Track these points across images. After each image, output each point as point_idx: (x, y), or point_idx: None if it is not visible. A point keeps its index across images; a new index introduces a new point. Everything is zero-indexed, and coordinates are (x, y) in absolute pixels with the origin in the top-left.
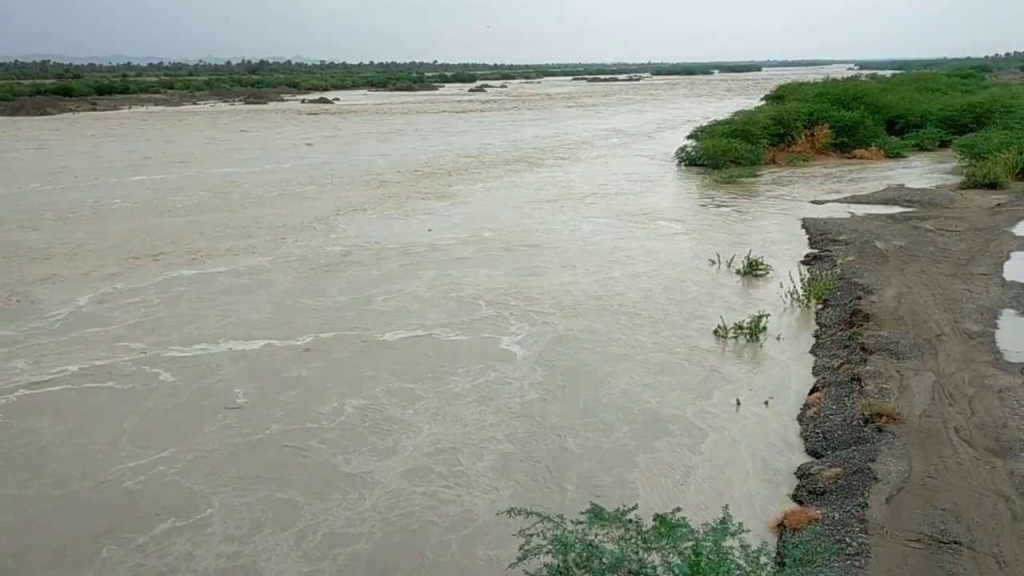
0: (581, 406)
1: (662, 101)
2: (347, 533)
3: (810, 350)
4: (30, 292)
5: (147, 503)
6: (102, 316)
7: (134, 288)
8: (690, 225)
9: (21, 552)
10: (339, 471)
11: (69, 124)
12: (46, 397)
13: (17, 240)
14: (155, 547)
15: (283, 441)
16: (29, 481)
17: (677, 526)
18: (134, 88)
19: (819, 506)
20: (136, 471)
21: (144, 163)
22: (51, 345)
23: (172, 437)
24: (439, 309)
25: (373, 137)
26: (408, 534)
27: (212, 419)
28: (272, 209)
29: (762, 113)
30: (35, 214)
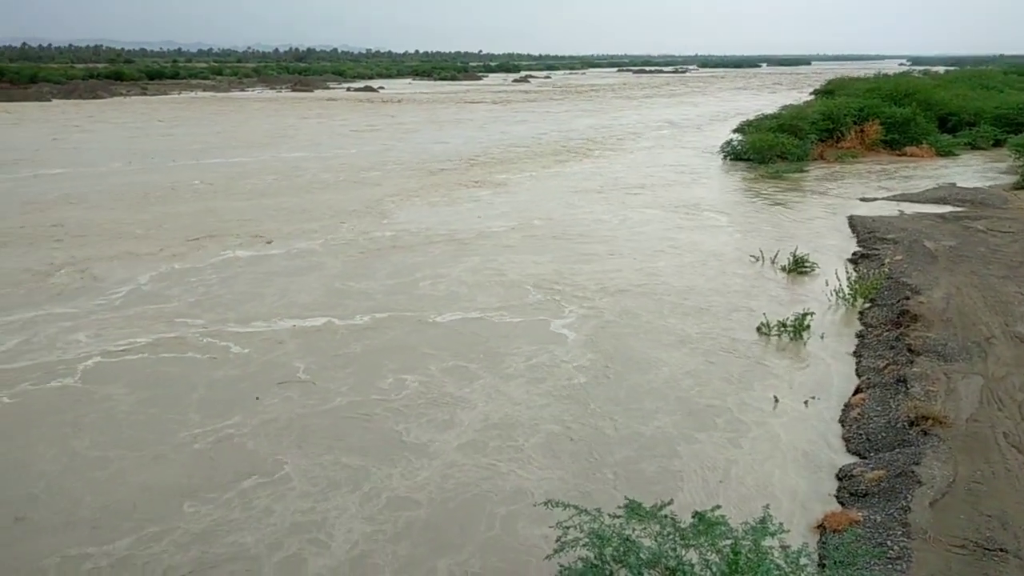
0: (626, 392)
1: (711, 94)
2: (407, 498)
3: (854, 350)
4: (94, 269)
5: (220, 465)
6: (161, 294)
7: (194, 268)
8: (736, 219)
9: (108, 506)
10: (400, 440)
11: (139, 107)
12: (117, 367)
13: (92, 219)
14: (229, 504)
15: (345, 412)
16: (110, 444)
17: (716, 524)
18: (184, 73)
19: (860, 508)
20: (207, 435)
21: (217, 146)
22: (115, 320)
23: (239, 406)
24: (489, 293)
25: (432, 125)
26: (461, 505)
27: (275, 391)
28: (333, 194)
29: (811, 108)
30: (115, 193)
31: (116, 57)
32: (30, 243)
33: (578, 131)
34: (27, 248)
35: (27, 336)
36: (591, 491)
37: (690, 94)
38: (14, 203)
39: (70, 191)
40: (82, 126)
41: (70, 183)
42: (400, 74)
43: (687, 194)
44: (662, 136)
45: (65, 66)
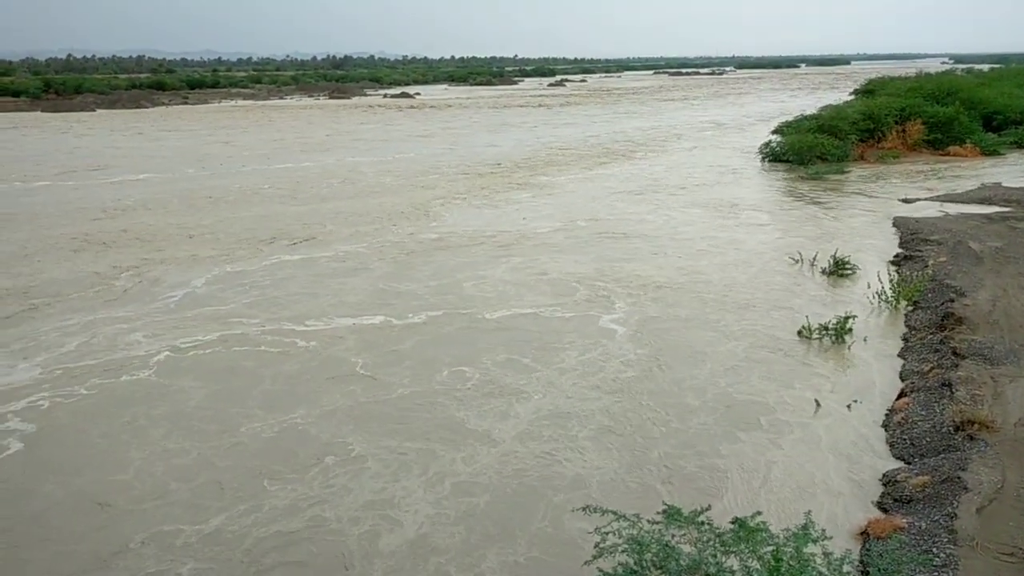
0: (672, 387)
1: (753, 94)
2: (469, 483)
3: (898, 353)
4: (156, 272)
5: (295, 450)
6: (218, 295)
7: (251, 270)
8: (776, 220)
9: (194, 489)
10: (462, 428)
11: (197, 114)
12: (186, 363)
13: (159, 223)
14: (309, 483)
15: (408, 402)
16: (186, 433)
17: (757, 530)
18: (224, 83)
19: (905, 515)
20: (278, 424)
21: (282, 151)
22: (180, 320)
23: (305, 398)
24: (537, 291)
25: (482, 129)
26: (518, 493)
27: (340, 383)
28: (389, 198)
29: (851, 108)
30: (185, 198)
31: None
32: (102, 246)
33: (621, 133)
34: (98, 252)
35: (95, 335)
36: (636, 486)
37: (730, 95)
38: (96, 208)
39: (148, 196)
40: (149, 134)
41: (148, 188)
42: (436, 80)
43: (727, 195)
44: (704, 137)
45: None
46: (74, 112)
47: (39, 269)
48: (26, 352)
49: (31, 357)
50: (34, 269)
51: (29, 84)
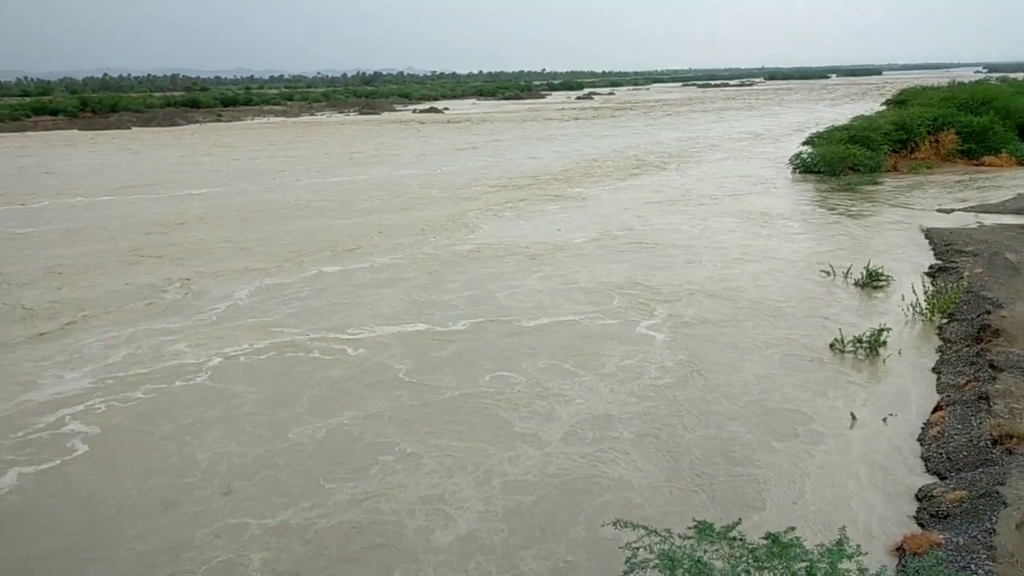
0: (708, 394)
1: (784, 105)
2: (516, 483)
3: (933, 366)
4: (202, 284)
5: (351, 450)
6: (261, 306)
7: (294, 281)
8: (809, 231)
9: (258, 485)
10: (508, 430)
11: (245, 131)
12: (237, 369)
13: (210, 237)
14: (368, 479)
15: (453, 405)
16: (244, 435)
17: (790, 546)
18: (256, 100)
19: (942, 530)
20: (327, 427)
21: (332, 166)
22: (231, 328)
23: (350, 402)
24: (575, 299)
25: (521, 142)
26: (562, 494)
27: (383, 389)
28: (434, 210)
29: (883, 118)
30: (238, 212)
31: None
32: (156, 260)
33: (655, 144)
34: (151, 265)
35: (144, 345)
36: (674, 493)
37: (761, 106)
38: (155, 221)
39: (205, 210)
40: (201, 150)
41: (207, 202)
42: (464, 94)
43: (760, 205)
44: (737, 148)
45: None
46: (110, 130)
47: (96, 282)
48: (81, 360)
49: (85, 365)
50: (91, 282)
51: (67, 103)
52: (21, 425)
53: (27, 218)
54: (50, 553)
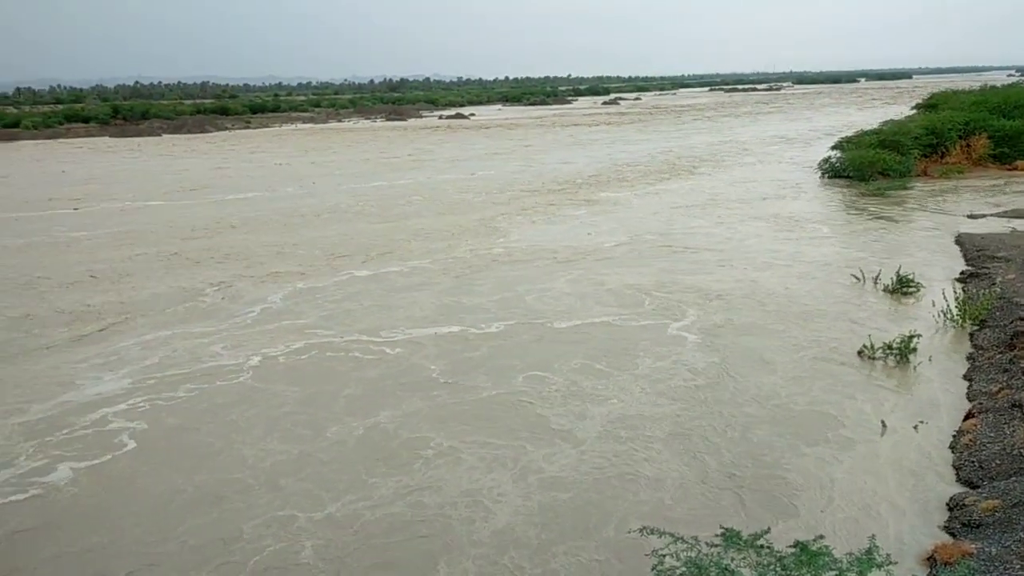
0: (739, 396)
1: (813, 110)
2: (552, 479)
3: (964, 374)
4: (239, 287)
5: (387, 447)
6: (294, 309)
7: (329, 284)
8: (838, 236)
9: (305, 479)
10: (544, 428)
11: (277, 138)
12: (276, 369)
13: (250, 241)
14: (411, 473)
15: (489, 404)
16: (286, 432)
17: (819, 554)
18: (284, 107)
19: (974, 540)
20: (366, 425)
21: (368, 172)
22: (269, 330)
23: (389, 401)
24: (607, 301)
25: (555, 147)
26: (596, 492)
27: (420, 388)
28: (469, 215)
29: (913, 123)
30: (279, 216)
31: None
32: (197, 264)
33: (687, 149)
34: (192, 269)
35: (183, 346)
36: (705, 495)
37: (790, 110)
38: (199, 226)
39: (249, 214)
40: (243, 155)
41: (251, 207)
42: (490, 100)
43: (789, 209)
44: (769, 152)
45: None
46: (141, 137)
47: (138, 285)
48: (121, 361)
49: (125, 366)
50: (135, 285)
51: (99, 110)
52: (67, 423)
53: (79, 222)
54: (105, 545)
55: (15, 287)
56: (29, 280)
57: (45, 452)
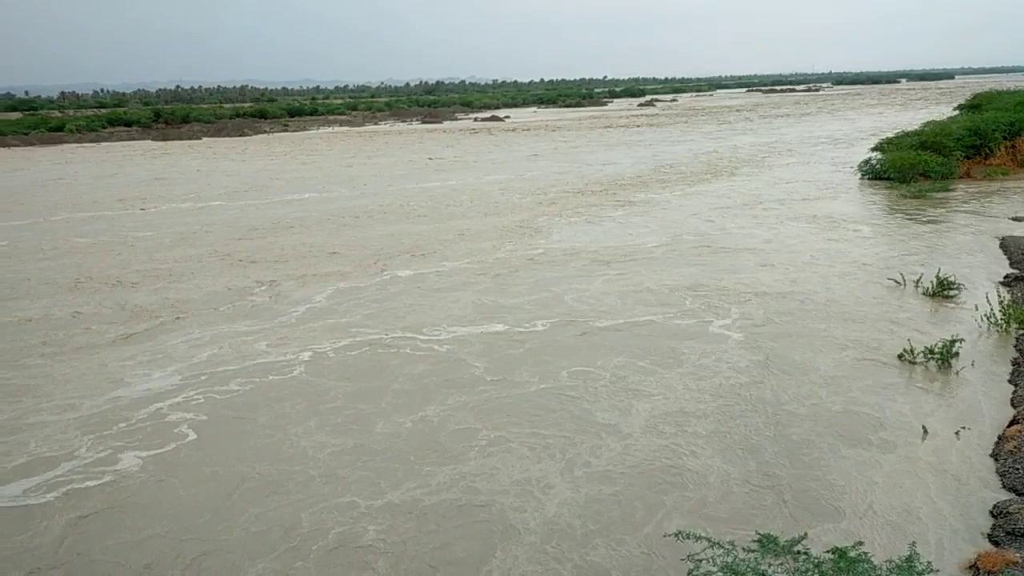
0: (780, 395)
1: (856, 110)
2: (599, 472)
3: (1008, 379)
4: (285, 287)
5: (439, 439)
6: (341, 308)
7: (375, 284)
8: (878, 237)
9: (364, 469)
10: (591, 421)
11: (331, 140)
12: (326, 364)
13: (298, 242)
14: (464, 462)
15: (534, 399)
16: (338, 425)
17: (858, 561)
18: (322, 110)
19: (1018, 549)
20: (417, 418)
21: (416, 172)
22: (316, 328)
23: (436, 396)
24: (649, 300)
25: (598, 148)
26: (642, 485)
27: (466, 384)
28: (514, 216)
29: (955, 123)
30: (335, 216)
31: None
32: (251, 264)
33: (731, 149)
34: (244, 269)
35: (233, 343)
36: (747, 493)
37: (835, 110)
38: (255, 226)
39: (304, 215)
40: (295, 157)
41: (306, 208)
42: (525, 102)
43: (829, 210)
44: (813, 153)
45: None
46: (182, 140)
47: (193, 284)
48: (172, 359)
49: (177, 363)
50: (189, 284)
51: (141, 114)
52: (124, 417)
53: (145, 221)
54: (172, 531)
55: (73, 285)
56: (88, 278)
57: (106, 444)
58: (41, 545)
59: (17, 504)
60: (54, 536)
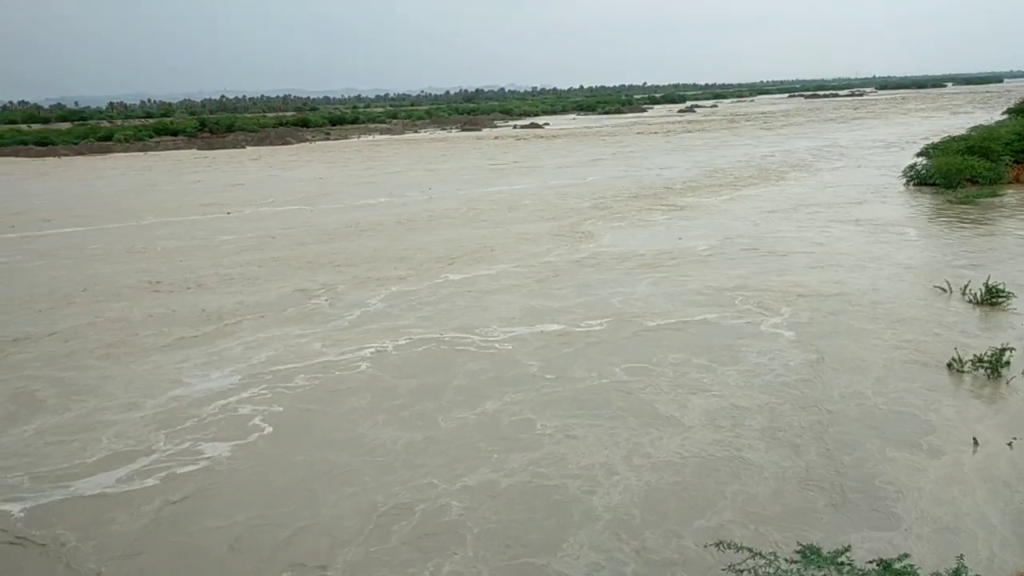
0: (831, 393)
1: (907, 114)
2: (661, 462)
3: None
4: (345, 289)
5: (503, 430)
6: (395, 312)
7: (431, 286)
8: (924, 243)
9: (437, 457)
10: (650, 413)
11: (394, 146)
12: (388, 360)
13: (362, 247)
14: (533, 448)
15: (593, 393)
16: (405, 419)
17: (903, 574)
18: (363, 119)
19: None
20: (480, 411)
21: (479, 178)
22: (374, 329)
23: (497, 390)
24: (700, 300)
25: (654, 154)
26: (700, 476)
27: (525, 380)
28: (575, 219)
29: (1003, 128)
30: (401, 221)
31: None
32: (318, 267)
33: (786, 154)
34: (307, 273)
35: (299, 343)
36: (797, 491)
37: (884, 115)
38: (329, 232)
39: (374, 219)
40: (360, 163)
41: (373, 212)
42: (564, 110)
43: (875, 215)
44: (864, 157)
45: (258, 115)
46: (226, 149)
47: (262, 288)
48: (239, 358)
49: (243, 361)
50: (256, 288)
51: (187, 124)
52: (195, 413)
53: (230, 226)
54: (263, 515)
55: (146, 288)
56: (161, 282)
57: (193, 434)
58: (133, 530)
59: (118, 490)
60: (148, 519)
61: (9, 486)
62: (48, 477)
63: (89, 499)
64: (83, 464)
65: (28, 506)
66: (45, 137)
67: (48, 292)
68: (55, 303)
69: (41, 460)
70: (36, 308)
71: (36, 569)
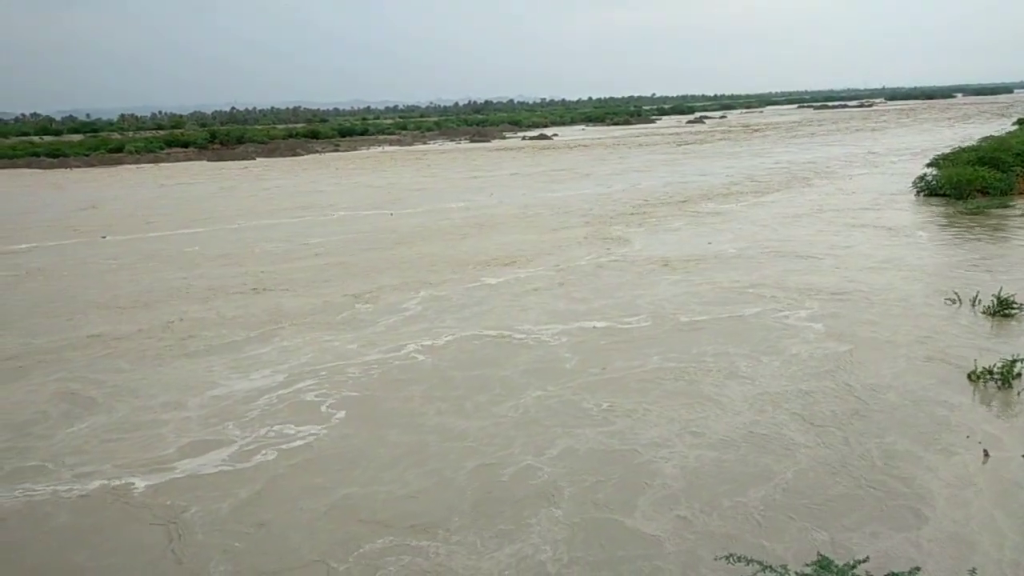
0: (855, 388)
1: (917, 125)
2: (711, 441)
3: None
4: (385, 294)
5: (561, 412)
6: (436, 310)
7: (465, 289)
8: (935, 251)
9: (506, 437)
10: (697, 393)
11: (401, 158)
12: (441, 353)
13: (406, 253)
14: (597, 425)
15: (634, 378)
16: (464, 406)
17: None
18: (372, 130)
19: None
20: (537, 396)
21: (519, 186)
22: (419, 328)
23: (546, 380)
24: (730, 298)
25: (679, 163)
26: (740, 456)
27: (571, 371)
28: (611, 226)
29: (1015, 138)
30: (445, 228)
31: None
32: (363, 272)
33: (810, 162)
34: (347, 279)
35: (341, 341)
36: (820, 485)
37: (900, 125)
38: (372, 239)
39: (419, 225)
40: (409, 173)
41: (423, 218)
42: (573, 121)
43: (888, 222)
44: (885, 164)
45: (268, 127)
46: (236, 160)
47: (297, 294)
48: (296, 354)
49: (298, 358)
50: (300, 292)
51: (197, 135)
52: (280, 398)
53: (316, 229)
54: (361, 493)
55: (248, 287)
56: (207, 287)
57: (281, 417)
58: (231, 507)
59: (222, 469)
60: (253, 490)
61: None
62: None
63: (210, 476)
64: (225, 437)
65: (153, 483)
66: (57, 149)
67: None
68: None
69: (162, 441)
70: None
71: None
